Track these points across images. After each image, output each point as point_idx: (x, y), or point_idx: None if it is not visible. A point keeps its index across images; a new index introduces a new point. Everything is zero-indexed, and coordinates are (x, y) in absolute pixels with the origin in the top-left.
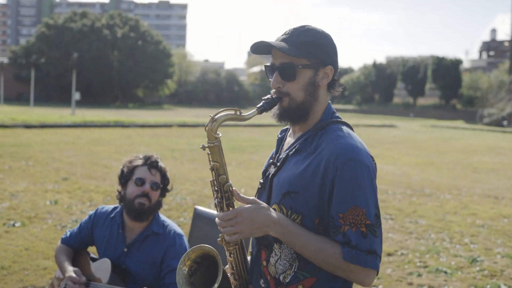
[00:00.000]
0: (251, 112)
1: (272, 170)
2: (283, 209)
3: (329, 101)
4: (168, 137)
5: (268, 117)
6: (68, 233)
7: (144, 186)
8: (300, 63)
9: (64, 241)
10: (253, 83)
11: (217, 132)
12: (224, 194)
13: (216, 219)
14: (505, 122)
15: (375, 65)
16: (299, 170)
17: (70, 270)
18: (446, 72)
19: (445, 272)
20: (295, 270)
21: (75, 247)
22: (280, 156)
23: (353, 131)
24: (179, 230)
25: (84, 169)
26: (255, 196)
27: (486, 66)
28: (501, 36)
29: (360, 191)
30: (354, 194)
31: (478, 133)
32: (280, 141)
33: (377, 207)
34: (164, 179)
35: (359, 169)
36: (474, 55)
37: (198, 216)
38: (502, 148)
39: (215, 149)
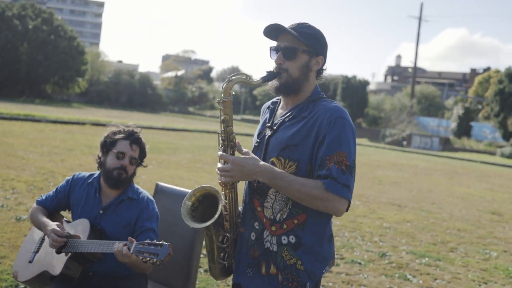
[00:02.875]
0: (257, 79)
1: (268, 132)
2: (281, 160)
3: (317, 84)
4: (83, 134)
5: (183, 122)
6: (44, 196)
7: (124, 160)
8: (301, 47)
9: (40, 203)
10: (167, 88)
11: (232, 90)
12: (229, 143)
13: (218, 164)
14: (404, 142)
15: None
16: (297, 128)
17: (53, 224)
18: (354, 91)
19: (359, 263)
20: (290, 207)
21: (50, 210)
22: (275, 122)
23: None
24: (151, 197)
25: None
26: None
27: (390, 90)
28: (405, 62)
29: (346, 141)
30: (340, 143)
31: (381, 151)
32: (272, 111)
33: (355, 155)
34: (142, 153)
35: (346, 125)
36: (380, 78)
37: (159, 191)
38: (402, 165)
39: (228, 103)
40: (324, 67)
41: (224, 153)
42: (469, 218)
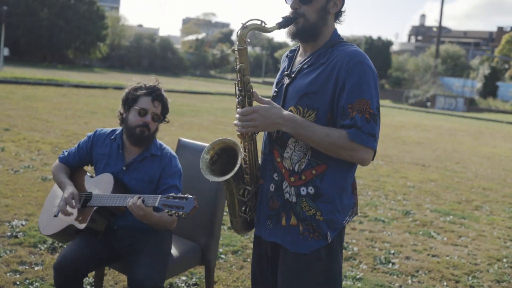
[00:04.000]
0: (272, 26)
1: (286, 80)
2: (300, 108)
3: (335, 28)
4: (105, 98)
5: (204, 86)
6: (66, 153)
7: (146, 117)
8: None
9: (62, 160)
10: (188, 51)
11: (247, 37)
12: (246, 93)
13: (236, 115)
14: (428, 103)
15: None
16: (315, 75)
17: (69, 191)
18: (378, 52)
19: (383, 221)
20: (309, 158)
21: (73, 166)
22: (293, 70)
23: None
24: (174, 153)
25: (25, 122)
26: None
27: (414, 50)
28: (430, 22)
29: (367, 86)
30: (361, 89)
31: (404, 112)
32: (291, 59)
33: (378, 102)
34: (165, 109)
35: (367, 70)
36: (404, 38)
37: (181, 147)
38: (426, 125)
39: (243, 51)
40: (342, 9)
41: (245, 108)
42: (494, 177)
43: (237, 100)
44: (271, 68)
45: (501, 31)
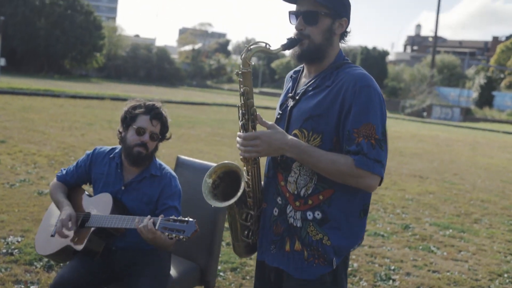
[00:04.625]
0: (277, 47)
1: (291, 103)
2: (304, 132)
3: (340, 49)
4: (102, 109)
5: (201, 96)
6: (64, 171)
7: (144, 136)
8: (322, 11)
9: (60, 178)
10: (184, 61)
11: (251, 60)
12: (250, 116)
13: (238, 139)
14: (425, 113)
15: None
16: (320, 98)
17: (66, 212)
18: (374, 62)
19: (382, 236)
20: (315, 182)
21: (71, 184)
22: (298, 91)
23: None
24: (173, 173)
25: (21, 134)
26: None
27: (409, 60)
28: (425, 31)
29: (373, 111)
30: (368, 113)
31: (400, 122)
32: (295, 80)
33: (385, 127)
34: (164, 128)
35: (373, 94)
36: (399, 48)
37: (180, 164)
38: (423, 136)
39: (247, 75)
40: (348, 29)
41: (248, 133)
42: (492, 189)
43: (240, 123)
44: (267, 78)
45: (496, 40)
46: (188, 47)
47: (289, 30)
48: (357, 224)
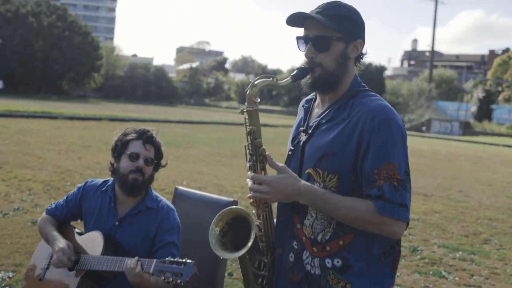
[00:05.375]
0: (285, 79)
1: (303, 137)
2: (319, 172)
3: (356, 73)
4: (100, 130)
5: (199, 115)
6: (54, 205)
7: (138, 162)
8: (334, 35)
9: (50, 212)
10: (182, 80)
11: (256, 97)
12: (258, 157)
13: (248, 181)
14: (424, 128)
15: None
16: (335, 133)
17: (63, 243)
18: (371, 77)
19: None
20: (334, 227)
21: (60, 219)
22: (310, 124)
23: None
24: (171, 205)
25: (16, 158)
26: (285, 163)
27: (407, 74)
28: (422, 46)
29: (394, 148)
30: (388, 151)
31: None
32: (307, 110)
33: (407, 165)
34: (158, 153)
35: (394, 129)
36: (396, 63)
37: (178, 196)
38: (423, 151)
39: (253, 113)
40: (363, 51)
41: (256, 174)
42: (499, 206)
43: (248, 164)
44: (265, 95)
45: (492, 54)
46: (185, 66)
47: (287, 48)
48: (379, 269)
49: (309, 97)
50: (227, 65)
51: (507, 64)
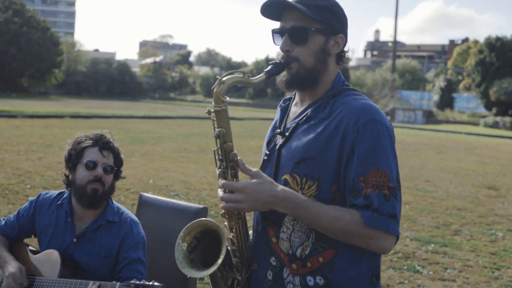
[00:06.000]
0: (259, 76)
1: (279, 140)
2: (296, 178)
3: (339, 71)
4: (62, 128)
5: (164, 109)
6: (3, 221)
7: (97, 170)
8: (313, 26)
9: None
10: (146, 74)
11: (225, 96)
12: (229, 163)
13: (219, 191)
14: (388, 117)
15: (267, 60)
16: (313, 135)
17: (14, 266)
18: None
19: None
20: (313, 241)
21: (12, 237)
22: (288, 126)
23: None
24: (135, 217)
25: None
26: (260, 169)
27: (370, 65)
28: (384, 37)
29: (382, 152)
30: (376, 156)
31: None
32: (284, 110)
33: (397, 170)
34: (118, 160)
35: (381, 130)
36: (360, 54)
37: (144, 204)
38: None
39: (222, 114)
40: (345, 48)
41: (227, 181)
42: (466, 195)
43: (218, 171)
44: (231, 88)
45: (452, 43)
46: (149, 60)
47: (252, 41)
48: None
49: (287, 96)
50: (191, 59)
51: (467, 53)
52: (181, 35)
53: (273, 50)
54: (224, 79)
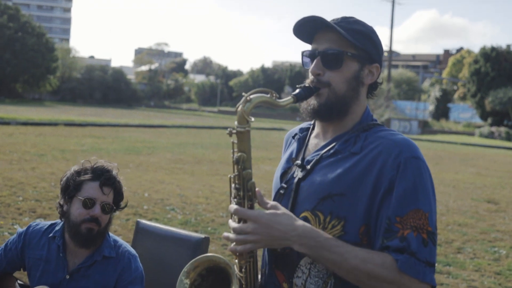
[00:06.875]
0: (286, 99)
1: (298, 173)
2: (319, 216)
3: (367, 105)
4: (56, 136)
5: (159, 117)
6: None
7: (94, 210)
8: (349, 51)
9: None
10: (141, 82)
11: (250, 116)
12: (246, 193)
13: (230, 222)
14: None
15: (262, 69)
16: (342, 170)
17: None
18: None
19: None
20: (332, 287)
21: None
22: (308, 159)
23: None
24: (133, 251)
25: None
26: None
27: None
28: None
29: (424, 193)
30: (417, 196)
31: None
32: (302, 141)
33: (436, 214)
34: (118, 196)
35: (423, 169)
36: None
37: (141, 231)
38: None
39: (244, 136)
40: (379, 80)
41: (240, 208)
42: (466, 209)
43: (233, 202)
44: (226, 96)
45: (447, 53)
46: (144, 67)
47: (247, 49)
48: None
49: (304, 125)
50: (187, 67)
51: (461, 63)
52: (176, 43)
53: (267, 60)
54: (251, 97)
